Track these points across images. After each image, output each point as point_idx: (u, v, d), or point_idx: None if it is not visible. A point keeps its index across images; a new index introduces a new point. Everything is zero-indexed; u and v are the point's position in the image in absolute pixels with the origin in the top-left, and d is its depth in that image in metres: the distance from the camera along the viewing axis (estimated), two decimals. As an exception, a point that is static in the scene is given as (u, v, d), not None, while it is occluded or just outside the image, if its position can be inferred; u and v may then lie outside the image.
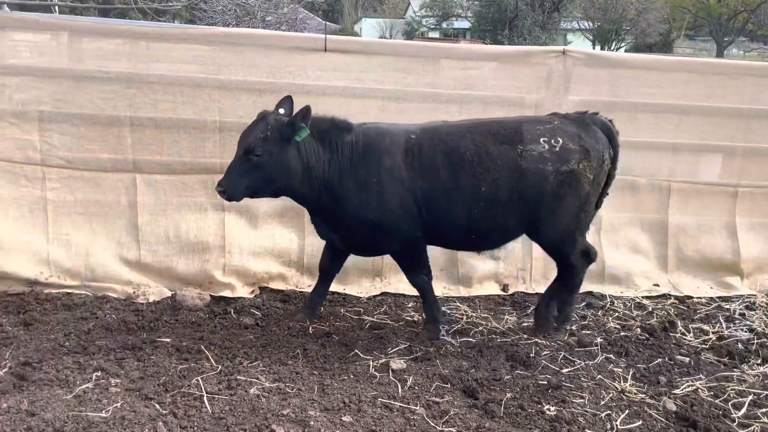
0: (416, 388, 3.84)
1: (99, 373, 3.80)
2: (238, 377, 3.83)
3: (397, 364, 4.07)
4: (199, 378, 3.80)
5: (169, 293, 5.11)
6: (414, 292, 5.31)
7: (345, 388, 3.80)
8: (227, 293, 5.16)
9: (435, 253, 5.48)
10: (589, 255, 4.61)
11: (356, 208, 4.25)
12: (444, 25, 46.62)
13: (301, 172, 4.18)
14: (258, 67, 5.28)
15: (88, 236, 5.18)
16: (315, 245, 5.43)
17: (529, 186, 4.27)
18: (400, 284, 5.43)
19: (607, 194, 4.72)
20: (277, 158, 4.09)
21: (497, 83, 5.61)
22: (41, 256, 5.09)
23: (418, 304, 5.22)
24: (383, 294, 5.35)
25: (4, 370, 3.80)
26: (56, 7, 15.87)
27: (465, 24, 45.86)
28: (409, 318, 4.91)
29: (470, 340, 4.56)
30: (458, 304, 5.23)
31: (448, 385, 3.90)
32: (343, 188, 4.24)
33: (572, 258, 4.54)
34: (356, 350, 4.25)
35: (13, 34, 5.10)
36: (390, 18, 50.74)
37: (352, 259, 5.34)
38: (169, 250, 5.23)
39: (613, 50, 41.03)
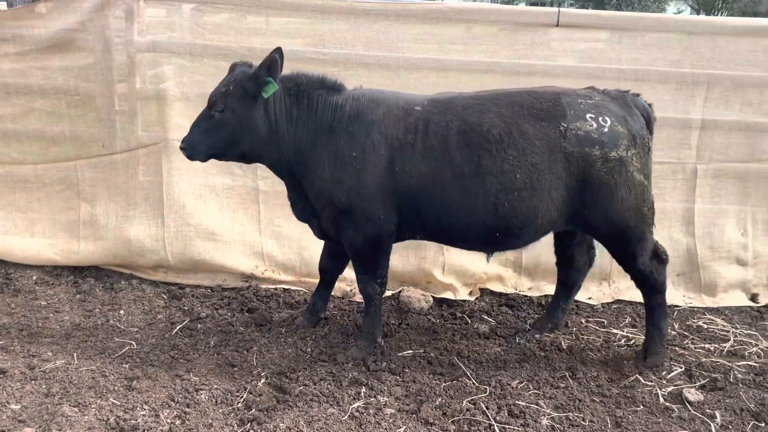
0: (730, 427, 3.28)
1: (363, 389, 3.47)
2: (517, 402, 3.40)
3: (694, 395, 3.51)
4: (475, 401, 3.40)
5: (386, 292, 4.74)
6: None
7: (643, 422, 3.30)
8: (449, 295, 4.74)
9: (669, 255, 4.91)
10: (658, 255, 3.82)
11: (326, 184, 3.59)
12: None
13: (267, 135, 3.58)
14: (482, 44, 4.78)
15: (300, 228, 4.86)
16: (534, 244, 4.93)
17: (574, 172, 3.51)
18: (634, 291, 4.77)
19: None
20: (240, 117, 3.52)
21: (751, 63, 4.84)
22: (255, 249, 4.84)
23: (663, 315, 4.63)
24: (618, 302, 4.78)
25: (261, 381, 3.53)
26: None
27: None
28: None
29: (752, 364, 3.93)
30: (710, 317, 4.59)
31: (764, 425, 3.32)
32: (315, 158, 3.59)
33: (640, 262, 3.73)
34: (635, 374, 3.72)
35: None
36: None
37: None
38: (383, 245, 4.85)
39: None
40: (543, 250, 4.88)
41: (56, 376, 3.50)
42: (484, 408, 3.33)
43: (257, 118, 3.55)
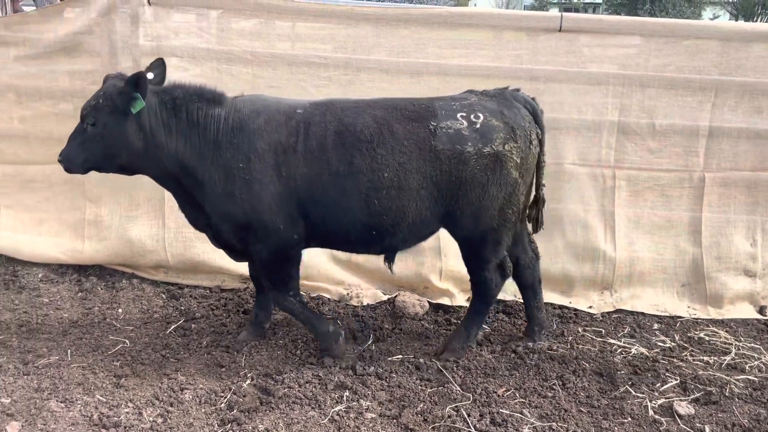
0: (719, 442, 3.20)
1: (347, 393, 3.46)
2: (501, 410, 3.36)
3: (684, 408, 3.43)
4: (458, 407, 3.37)
5: (383, 296, 4.75)
6: (658, 311, 4.67)
7: (629, 435, 3.23)
8: (445, 301, 4.72)
9: (674, 265, 4.81)
10: (503, 268, 3.83)
11: (219, 200, 3.55)
12: (574, -1, 44.16)
13: (144, 149, 3.52)
14: (485, 49, 4.76)
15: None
16: (534, 250, 4.87)
17: (445, 171, 3.51)
18: (636, 301, 4.76)
19: (544, 185, 3.92)
20: (112, 131, 3.47)
21: (760, 69, 4.72)
22: (254, 251, 4.88)
23: (664, 325, 4.53)
24: (618, 311, 4.68)
25: (247, 382, 3.56)
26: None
27: (598, -2, 43.21)
28: (663, 344, 4.23)
29: (751, 378, 3.82)
30: (714, 329, 4.47)
31: (755, 441, 3.23)
32: (206, 174, 3.54)
33: (488, 268, 3.75)
34: (625, 386, 3.65)
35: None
36: (507, -8, 48.88)
37: (577, 269, 4.80)
38: (381, 249, 4.85)
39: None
40: (544, 257, 4.82)
41: (48, 372, 3.58)
42: (466, 415, 3.29)
43: (131, 133, 3.50)
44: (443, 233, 4.78)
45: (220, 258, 4.78)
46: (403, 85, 4.71)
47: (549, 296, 4.75)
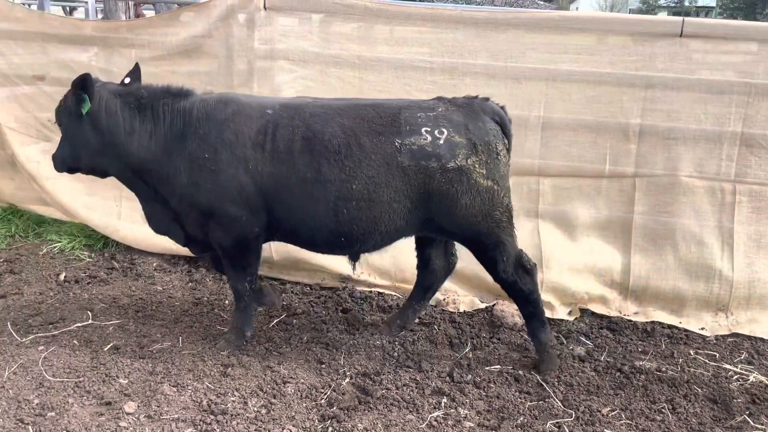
0: None
1: (445, 400, 3.44)
2: (606, 430, 3.23)
3: (811, 445, 3.17)
4: (559, 424, 3.27)
5: (480, 304, 4.69)
6: (784, 339, 4.33)
7: (748, 468, 3.01)
8: (546, 313, 4.56)
9: None
10: (522, 264, 3.71)
11: (185, 189, 3.59)
12: (686, 2, 41.99)
13: (101, 149, 3.65)
14: (597, 54, 4.59)
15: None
16: (643, 265, 4.66)
17: (414, 185, 3.49)
18: (755, 325, 4.44)
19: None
20: (73, 133, 3.68)
21: None
22: (354, 251, 4.96)
23: (786, 353, 4.20)
24: (734, 335, 4.38)
25: (346, 380, 3.61)
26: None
27: (711, 1, 40.89)
28: (785, 373, 3.93)
29: None
30: None
31: None
32: (172, 165, 3.59)
33: (501, 269, 3.67)
34: (743, 415, 3.41)
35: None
36: (611, -4, 47.26)
37: (690, 287, 4.54)
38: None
39: None
40: (653, 273, 4.62)
41: (162, 357, 3.78)
42: (569, 433, 3.20)
43: (87, 133, 3.63)
44: (545, 245, 4.75)
45: (320, 257, 4.89)
46: (509, 89, 4.62)
47: (658, 314, 4.54)
